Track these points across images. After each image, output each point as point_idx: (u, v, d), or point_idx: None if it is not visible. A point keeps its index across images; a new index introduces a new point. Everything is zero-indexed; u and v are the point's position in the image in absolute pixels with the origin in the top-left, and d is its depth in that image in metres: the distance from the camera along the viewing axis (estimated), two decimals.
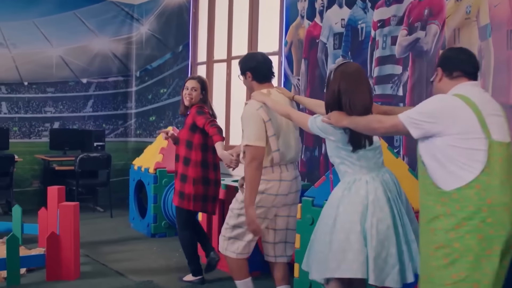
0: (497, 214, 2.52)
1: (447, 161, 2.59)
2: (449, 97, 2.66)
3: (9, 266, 4.46)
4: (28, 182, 8.08)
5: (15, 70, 8.01)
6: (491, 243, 2.52)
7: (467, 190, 2.54)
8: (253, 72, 3.69)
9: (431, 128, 2.61)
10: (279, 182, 3.59)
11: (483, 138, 2.54)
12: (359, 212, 2.96)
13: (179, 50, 7.91)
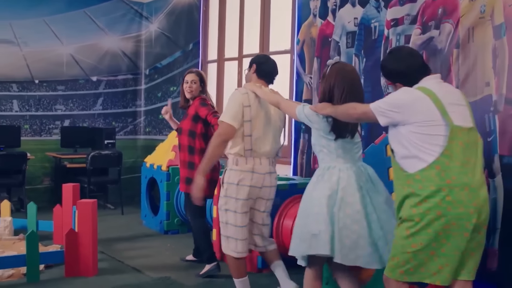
0: (456, 193, 2.78)
1: (410, 146, 2.87)
2: (412, 90, 2.94)
3: (29, 263, 4.51)
4: (39, 180, 8.14)
5: (26, 68, 8.06)
6: (449, 219, 2.78)
7: (428, 171, 2.81)
8: (258, 67, 3.99)
9: (395, 117, 2.89)
10: (251, 173, 3.78)
11: (443, 125, 2.81)
12: (328, 196, 3.21)
13: (189, 48, 7.96)
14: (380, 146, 4.15)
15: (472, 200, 2.80)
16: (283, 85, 6.35)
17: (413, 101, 2.87)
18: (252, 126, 3.77)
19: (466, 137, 2.85)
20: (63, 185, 5.83)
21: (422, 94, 2.86)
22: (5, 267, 4.52)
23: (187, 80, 4.90)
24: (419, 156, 2.84)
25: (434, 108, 2.83)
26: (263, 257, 4.17)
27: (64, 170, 7.87)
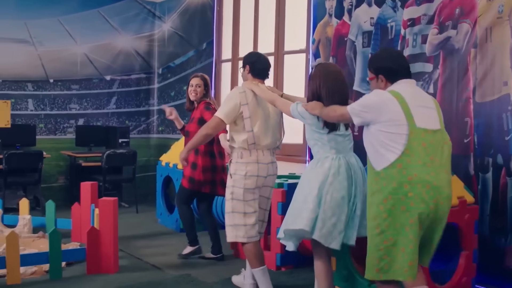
0: (417, 189, 2.98)
1: (377, 144, 3.09)
2: (383, 92, 3.17)
3: (52, 260, 4.56)
4: (54, 178, 8.21)
5: (41, 67, 8.13)
6: (413, 214, 2.98)
7: (391, 169, 3.03)
8: (251, 66, 4.21)
9: (366, 116, 3.14)
10: (257, 164, 4.06)
11: (405, 125, 3.02)
12: (319, 181, 3.54)
13: (202, 48, 8.01)
14: None
15: (433, 197, 3.01)
16: (298, 84, 6.41)
17: (382, 102, 3.10)
18: (252, 122, 4.04)
19: (430, 138, 3.06)
20: (82, 183, 5.90)
21: (391, 96, 3.09)
22: (28, 264, 4.57)
23: (192, 84, 5.23)
24: (384, 155, 3.06)
25: (399, 109, 3.05)
26: None
27: (79, 169, 7.94)
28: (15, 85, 7.95)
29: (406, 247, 3.00)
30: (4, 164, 7.04)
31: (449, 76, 4.78)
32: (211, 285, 4.47)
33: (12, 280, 4.41)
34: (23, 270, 4.57)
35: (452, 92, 4.76)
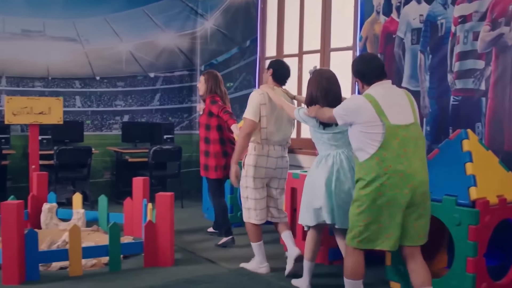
0: (392, 178, 3.48)
1: (359, 142, 3.59)
2: (358, 97, 3.66)
3: (111, 253, 4.71)
4: (100, 174, 8.39)
5: (88, 65, 8.31)
6: (388, 198, 3.50)
7: (370, 161, 3.53)
8: (274, 72, 4.84)
9: (347, 119, 3.64)
10: (266, 157, 4.67)
11: (380, 125, 3.49)
12: (326, 178, 4.06)
13: (246, 45, 8.10)
14: (455, 141, 4.22)
15: (406, 183, 3.50)
16: (345, 81, 6.44)
17: (357, 107, 3.57)
18: (267, 120, 4.64)
19: (404, 132, 3.53)
20: (133, 178, 6.04)
21: (365, 100, 3.54)
22: (88, 257, 4.72)
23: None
24: (364, 149, 3.55)
25: (373, 111, 3.50)
26: (276, 227, 4.88)
27: (125, 164, 8.10)
28: (64, 82, 8.15)
29: (383, 223, 3.55)
30: (55, 159, 7.24)
31: (502, 73, 4.78)
32: (266, 278, 4.56)
33: (74, 272, 4.56)
34: (83, 263, 4.71)
35: (504, 89, 4.77)
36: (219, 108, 5.58)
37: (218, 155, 5.66)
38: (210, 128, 5.70)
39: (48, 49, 8.02)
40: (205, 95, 5.80)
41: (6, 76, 7.83)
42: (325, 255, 5.01)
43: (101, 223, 6.15)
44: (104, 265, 4.86)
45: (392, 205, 3.51)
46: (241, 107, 8.07)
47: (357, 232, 3.62)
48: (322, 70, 4.42)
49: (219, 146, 5.67)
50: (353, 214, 3.64)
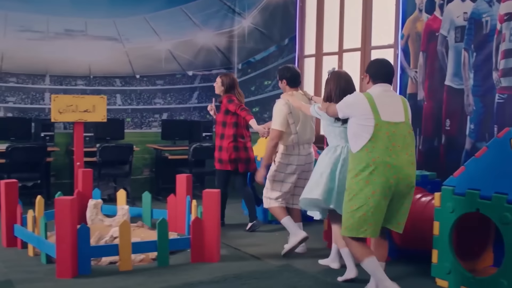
0: (379, 168, 3.83)
1: (353, 133, 3.98)
2: (359, 94, 4.13)
3: (160, 248, 4.81)
4: (139, 171, 8.52)
5: (128, 64, 8.45)
6: (375, 187, 3.85)
7: (361, 152, 3.90)
8: (288, 80, 5.38)
9: (345, 111, 4.07)
10: (297, 156, 5.29)
11: (372, 119, 3.87)
12: (332, 163, 4.53)
13: (284, 43, 8.15)
14: (504, 140, 4.21)
15: (393, 174, 3.85)
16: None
17: (356, 102, 4.01)
18: (295, 126, 5.24)
19: (394, 129, 3.91)
20: (177, 176, 6.12)
21: (363, 97, 3.98)
22: (137, 252, 4.82)
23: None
24: (357, 141, 3.93)
25: (368, 106, 3.91)
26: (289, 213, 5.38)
27: (165, 162, 8.22)
28: (105, 81, 8.30)
29: (367, 212, 3.87)
30: (98, 156, 7.38)
31: None
32: (313, 274, 4.61)
33: (124, 267, 4.67)
34: (132, 258, 4.81)
35: None
36: (236, 106, 6.10)
37: (230, 149, 6.17)
38: (227, 125, 6.21)
39: (90, 48, 8.18)
40: (222, 94, 6.30)
41: (50, 74, 8.02)
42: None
43: (144, 219, 6.26)
44: (152, 260, 4.96)
45: (378, 193, 3.85)
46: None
47: (345, 219, 4.00)
48: (340, 71, 4.80)
49: (232, 141, 6.19)
50: (345, 202, 4.04)
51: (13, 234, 5.40)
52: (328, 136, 4.69)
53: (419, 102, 5.96)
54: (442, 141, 5.70)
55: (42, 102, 8.01)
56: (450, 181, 4.35)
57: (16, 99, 7.87)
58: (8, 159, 6.96)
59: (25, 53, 7.85)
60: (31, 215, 5.23)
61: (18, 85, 7.88)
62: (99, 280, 4.41)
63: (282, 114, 5.20)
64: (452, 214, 4.27)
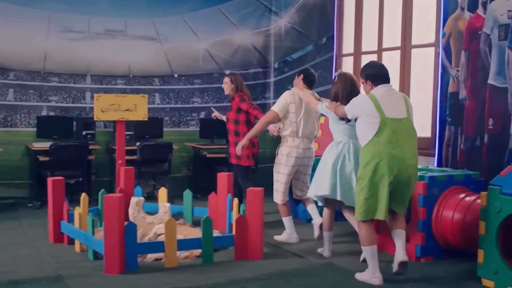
0: (384, 159, 4.30)
1: (362, 130, 4.46)
2: (364, 96, 4.56)
3: (204, 246, 4.87)
4: (177, 169, 8.61)
5: (166, 63, 8.56)
6: (382, 176, 4.31)
7: (368, 146, 4.38)
8: (305, 77, 5.79)
9: (354, 113, 4.54)
10: (296, 148, 5.62)
11: (377, 117, 4.33)
12: (334, 158, 5.00)
13: (322, 42, 8.15)
14: None
15: (396, 164, 4.31)
16: (426, 77, 6.44)
17: (361, 103, 4.48)
18: (296, 116, 5.59)
19: (397, 124, 4.37)
20: (218, 174, 6.20)
21: (368, 98, 4.43)
22: (182, 249, 4.89)
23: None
24: (365, 136, 4.41)
25: (373, 107, 4.37)
26: (303, 203, 5.89)
27: (203, 160, 8.30)
28: (144, 80, 8.42)
29: (379, 198, 4.35)
30: (138, 154, 7.49)
31: None
32: (355, 273, 4.61)
33: (169, 264, 4.74)
34: (177, 254, 4.88)
35: None
36: (249, 105, 6.40)
37: (248, 145, 6.22)
38: (239, 123, 6.44)
39: (129, 48, 8.31)
40: (232, 94, 6.56)
41: (90, 74, 8.16)
42: (412, 251, 5.02)
43: (185, 216, 6.34)
44: (195, 258, 5.03)
45: (384, 181, 4.32)
46: None
47: (360, 206, 4.43)
48: (346, 74, 5.21)
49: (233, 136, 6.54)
50: (357, 191, 4.49)
51: (60, 230, 5.52)
52: (333, 132, 5.19)
53: (461, 101, 5.93)
54: (485, 141, 5.65)
55: (83, 101, 8.16)
56: (497, 181, 4.33)
57: (58, 98, 8.03)
58: (51, 157, 7.10)
59: (67, 53, 8.00)
60: (78, 212, 5.34)
61: (60, 84, 8.04)
62: (146, 276, 4.49)
63: (284, 101, 5.64)
64: (499, 213, 4.25)
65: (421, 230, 4.97)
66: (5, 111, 7.76)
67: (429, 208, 4.97)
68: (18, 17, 7.67)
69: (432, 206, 4.97)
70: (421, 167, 5.64)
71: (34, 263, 4.85)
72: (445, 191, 5.02)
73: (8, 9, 7.62)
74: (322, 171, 5.07)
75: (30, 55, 7.81)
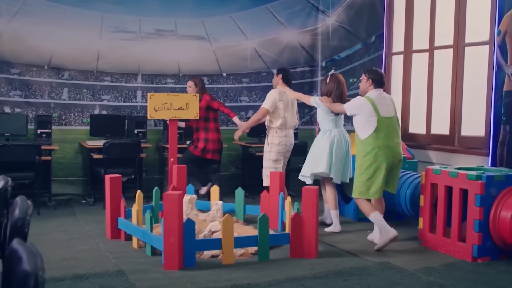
0: (382, 150, 5.37)
1: (362, 126, 5.46)
2: (361, 98, 5.58)
3: (261, 243, 4.92)
4: (225, 167, 8.68)
5: (215, 62, 8.65)
6: (380, 163, 5.37)
7: (368, 139, 5.41)
8: (283, 76, 6.68)
9: (354, 111, 5.55)
10: (285, 138, 6.56)
11: (375, 116, 5.39)
12: (329, 142, 6.14)
13: (371, 41, 8.12)
14: None
15: (390, 153, 5.40)
16: (480, 76, 6.36)
17: (361, 104, 5.49)
18: (284, 111, 6.51)
19: (388, 121, 5.44)
20: (271, 172, 6.25)
21: (366, 100, 5.46)
22: (238, 246, 4.95)
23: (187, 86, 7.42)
24: (365, 131, 5.42)
25: (371, 107, 5.41)
26: None
27: (251, 158, 8.36)
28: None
29: (375, 181, 5.40)
30: None
31: None
32: (413, 272, 4.61)
33: (227, 260, 4.81)
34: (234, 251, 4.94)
35: None
36: (220, 104, 7.18)
37: (215, 141, 7.17)
38: (209, 120, 7.16)
39: (179, 47, 8.43)
40: (200, 94, 7.03)
41: (141, 73, 8.30)
42: (469, 251, 4.99)
43: (237, 214, 6.41)
44: (251, 255, 5.08)
45: (381, 167, 5.37)
46: None
47: (358, 187, 5.48)
48: (338, 75, 6.33)
49: (216, 134, 7.22)
50: (357, 175, 5.52)
51: (117, 226, 5.64)
52: (322, 122, 6.28)
53: None
54: None
55: (134, 100, 8.31)
56: None
57: (110, 97, 8.19)
58: (105, 155, 7.25)
59: (119, 53, 8.16)
60: (135, 208, 5.46)
61: (112, 83, 8.20)
62: (204, 273, 4.56)
63: (273, 99, 6.50)
64: None
65: (478, 230, 4.93)
66: (59, 110, 7.96)
67: (486, 208, 4.92)
68: (72, 18, 7.85)
69: (490, 206, 4.93)
70: (476, 166, 5.60)
71: (94, 258, 4.97)
72: (503, 191, 4.96)
73: (62, 9, 7.81)
74: (316, 154, 6.18)
75: (84, 55, 7.99)
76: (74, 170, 8.01)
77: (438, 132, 6.97)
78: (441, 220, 5.31)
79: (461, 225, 5.12)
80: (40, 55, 7.79)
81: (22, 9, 7.63)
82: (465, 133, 6.61)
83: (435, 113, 7.03)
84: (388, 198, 5.89)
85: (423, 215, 5.52)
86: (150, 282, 4.30)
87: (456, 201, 5.12)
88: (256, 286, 4.23)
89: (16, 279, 1.73)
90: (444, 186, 5.28)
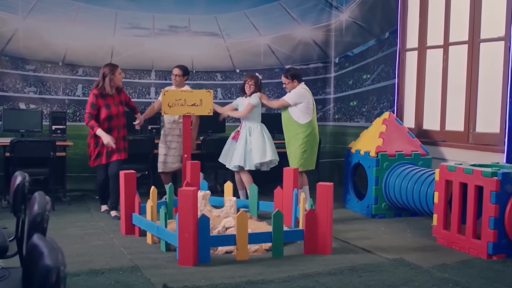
0: (313, 133, 6.86)
1: (302, 113, 6.75)
2: (301, 89, 6.79)
3: (275, 239, 4.93)
4: None
5: (228, 58, 8.66)
6: (314, 142, 6.89)
7: (307, 123, 6.76)
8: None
9: (297, 101, 6.73)
10: None
11: (312, 104, 6.77)
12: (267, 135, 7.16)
13: (385, 37, 8.09)
14: None
15: (317, 134, 6.93)
16: (495, 71, 6.32)
17: (303, 93, 6.74)
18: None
19: (315, 109, 6.90)
20: (284, 168, 6.25)
21: (306, 91, 6.75)
22: (253, 242, 4.96)
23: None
24: (305, 117, 6.75)
25: (310, 97, 6.77)
26: None
27: None
28: (206, 75, 8.55)
29: (312, 156, 6.87)
30: (202, 149, 7.60)
31: None
32: (427, 269, 4.59)
33: (241, 256, 4.82)
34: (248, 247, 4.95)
35: None
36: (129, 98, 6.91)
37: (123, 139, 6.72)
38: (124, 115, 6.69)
39: (192, 43, 8.45)
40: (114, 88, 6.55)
41: (155, 70, 8.33)
42: (484, 249, 4.97)
43: (251, 210, 6.42)
44: (265, 251, 5.09)
45: (314, 145, 6.89)
46: (378, 99, 8.11)
47: (299, 161, 6.75)
48: (258, 76, 7.38)
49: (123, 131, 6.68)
50: (298, 151, 6.79)
51: (131, 222, 5.67)
52: (253, 118, 7.04)
53: None
54: None
55: (147, 96, 8.35)
56: None
57: None
58: None
59: (133, 49, 8.20)
60: (150, 204, 5.48)
61: (126, 79, 8.18)
62: (219, 269, 4.57)
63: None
64: None
65: (493, 228, 4.90)
66: (74, 106, 8.01)
67: (501, 205, 4.90)
68: (86, 15, 7.90)
69: (505, 203, 4.89)
70: (491, 163, 5.57)
71: (109, 253, 5.00)
72: None
73: (76, 6, 7.86)
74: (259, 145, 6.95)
75: (98, 51, 8.04)
76: (87, 166, 8.01)
77: (452, 129, 6.93)
78: (456, 217, 5.29)
79: (476, 222, 5.10)
80: (54, 51, 7.85)
81: (37, 6, 7.68)
82: (480, 129, 6.58)
83: (449, 110, 7.00)
84: (403, 196, 5.87)
85: (438, 212, 5.50)
86: (165, 278, 4.31)
87: (471, 198, 5.10)
88: (271, 282, 4.23)
89: (37, 274, 1.75)
90: (459, 183, 5.25)
